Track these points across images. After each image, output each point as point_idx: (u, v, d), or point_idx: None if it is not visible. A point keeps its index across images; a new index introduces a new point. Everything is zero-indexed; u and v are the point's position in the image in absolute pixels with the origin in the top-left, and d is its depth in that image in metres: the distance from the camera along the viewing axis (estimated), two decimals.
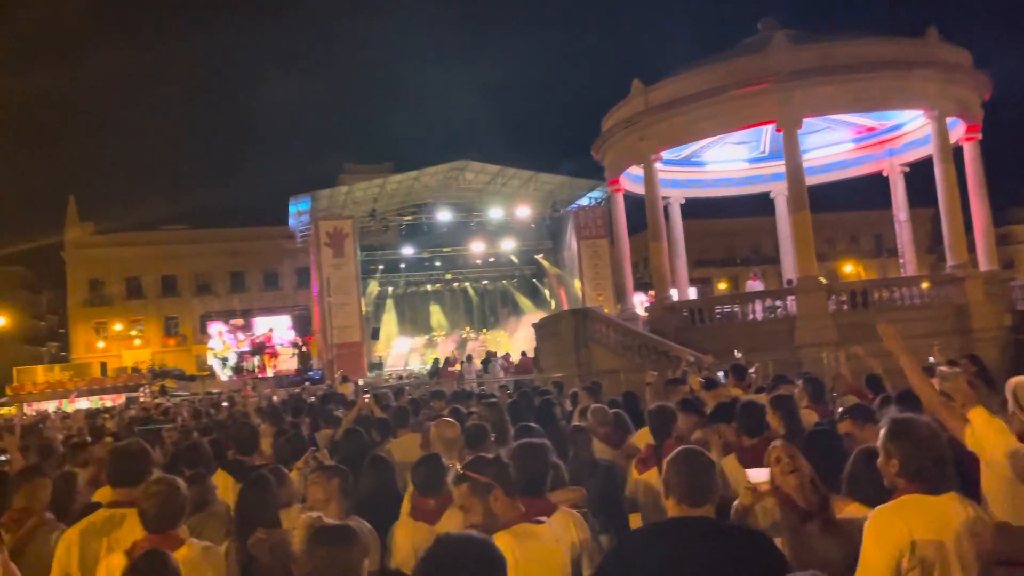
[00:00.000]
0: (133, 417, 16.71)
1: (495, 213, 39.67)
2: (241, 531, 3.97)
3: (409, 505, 4.51)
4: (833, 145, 23.93)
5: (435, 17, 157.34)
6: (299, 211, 37.30)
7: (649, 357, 17.95)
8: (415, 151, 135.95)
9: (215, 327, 41.42)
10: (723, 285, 56.54)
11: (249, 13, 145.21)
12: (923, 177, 21.60)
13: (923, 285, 19.09)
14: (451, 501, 3.79)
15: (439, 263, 43.67)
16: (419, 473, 4.34)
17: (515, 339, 36.57)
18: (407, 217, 40.00)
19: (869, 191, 28.25)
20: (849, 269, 55.81)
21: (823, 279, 20.21)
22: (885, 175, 24.32)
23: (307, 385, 26.06)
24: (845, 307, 18.45)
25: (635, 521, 5.15)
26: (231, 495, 4.82)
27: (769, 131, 21.98)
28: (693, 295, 28.14)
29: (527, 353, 26.04)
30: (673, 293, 22.73)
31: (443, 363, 25.05)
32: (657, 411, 5.63)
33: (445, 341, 41.66)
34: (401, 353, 41.57)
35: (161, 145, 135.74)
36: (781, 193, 23.69)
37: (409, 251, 41.61)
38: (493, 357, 26.46)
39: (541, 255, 43.58)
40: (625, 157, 22.60)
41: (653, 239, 21.78)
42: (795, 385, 7.54)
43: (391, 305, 43.11)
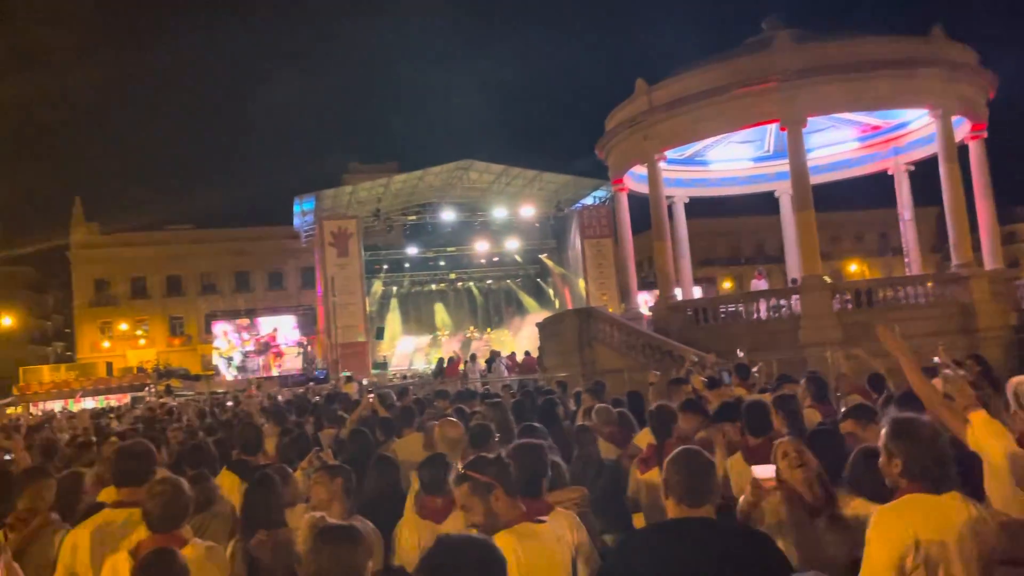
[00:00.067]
0: (138, 417, 16.77)
1: (499, 212, 39.65)
2: (247, 530, 3.99)
3: (413, 503, 4.53)
4: (837, 144, 23.85)
5: (439, 17, 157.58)
6: (303, 211, 37.37)
7: (653, 356, 17.93)
8: (419, 151, 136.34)
9: (220, 327, 41.49)
10: (727, 284, 56.48)
11: (253, 13, 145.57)
12: (928, 176, 21.50)
13: (928, 284, 19.04)
14: None
15: (443, 262, 43.67)
16: (425, 472, 4.36)
17: (519, 338, 36.57)
18: (411, 217, 40.03)
19: (874, 190, 28.17)
20: (854, 268, 55.72)
21: (828, 278, 20.13)
22: (890, 174, 24.24)
23: (311, 385, 26.08)
24: (850, 306, 18.38)
25: (638, 521, 5.15)
26: (237, 495, 4.82)
27: (773, 130, 21.93)
28: (697, 294, 28.10)
29: (531, 352, 26.04)
30: (677, 292, 22.67)
31: (447, 362, 25.04)
32: (658, 411, 5.63)
33: (449, 341, 41.69)
34: (405, 353, 41.63)
35: (166, 145, 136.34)
36: (785, 192, 23.64)
37: (413, 251, 41.63)
38: (497, 356, 26.44)
39: (545, 254, 43.56)
40: (629, 156, 22.57)
41: (657, 238, 21.75)
42: (799, 385, 7.54)
43: (395, 305, 43.16)
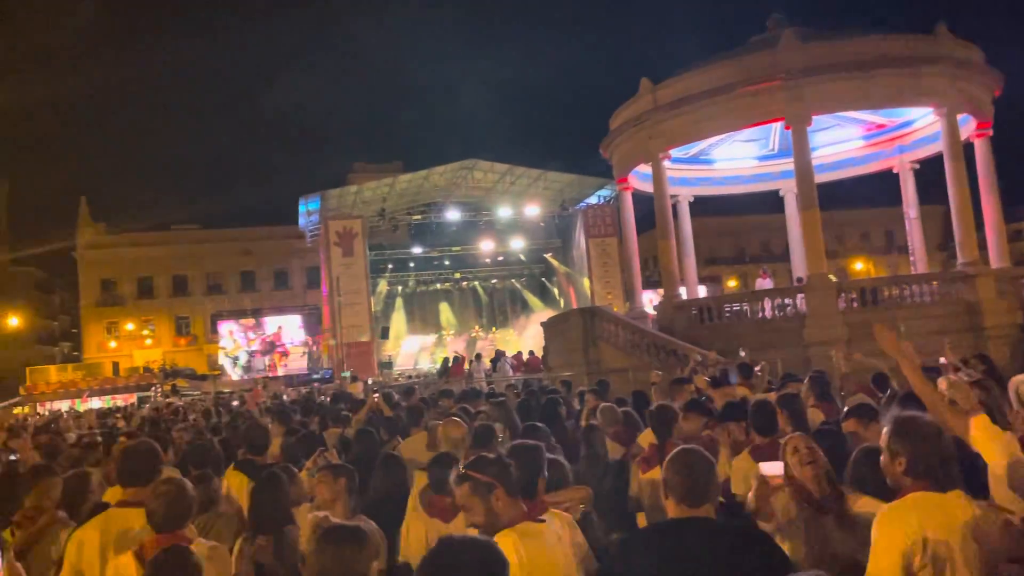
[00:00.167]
0: (144, 417, 16.82)
1: (504, 212, 39.64)
2: (255, 528, 4.00)
3: (419, 502, 4.55)
4: (842, 142, 23.80)
5: (444, 16, 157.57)
6: (309, 211, 37.44)
7: (658, 356, 17.92)
8: (424, 150, 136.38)
9: (226, 326, 41.56)
10: (733, 283, 56.36)
11: (259, 14, 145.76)
12: (934, 174, 21.46)
13: (933, 283, 18.98)
14: None
15: (448, 262, 43.69)
16: (434, 472, 4.38)
17: (524, 338, 36.56)
18: (416, 216, 40.06)
19: (879, 188, 28.13)
20: (860, 266, 55.57)
21: (833, 277, 20.11)
22: (895, 172, 24.18)
23: (315, 385, 26.12)
24: (855, 305, 18.34)
25: (641, 521, 5.15)
26: (245, 494, 4.82)
27: (778, 129, 21.89)
28: (702, 293, 28.10)
29: (535, 352, 26.05)
30: (682, 291, 22.65)
31: (452, 362, 25.06)
32: (659, 410, 5.64)
33: (454, 340, 41.73)
34: (411, 352, 41.68)
35: (172, 146, 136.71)
36: (790, 191, 23.58)
37: (418, 250, 41.65)
38: (502, 356, 26.45)
39: (550, 254, 43.55)
40: (633, 155, 22.55)
41: (662, 237, 21.72)
42: (802, 383, 7.52)
43: (400, 304, 43.20)
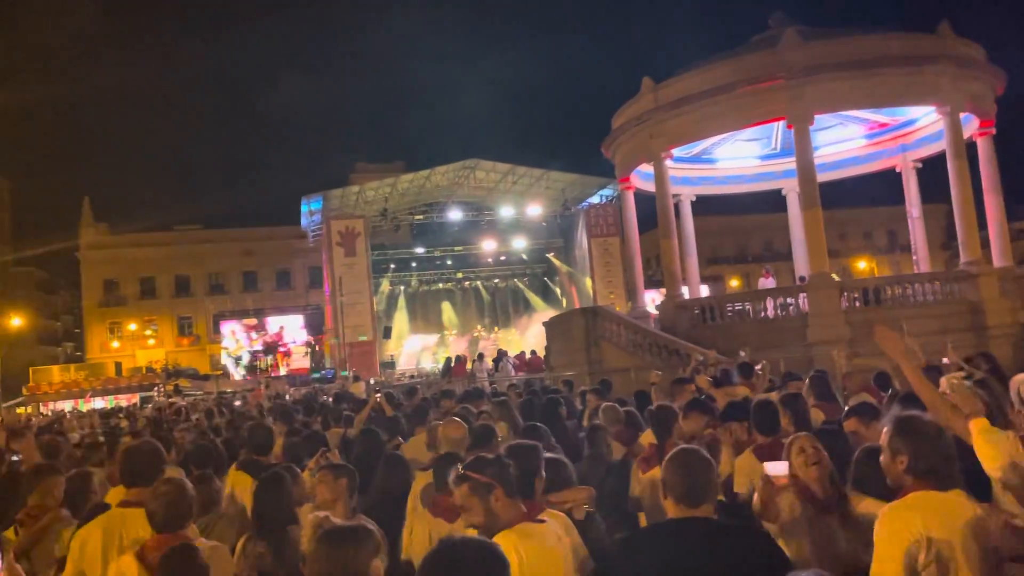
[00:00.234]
0: (147, 416, 16.85)
1: (506, 211, 39.66)
2: (259, 528, 4.01)
3: (417, 502, 4.54)
4: (845, 141, 23.75)
5: (446, 16, 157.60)
6: (311, 211, 37.49)
7: (660, 355, 17.91)
8: (426, 150, 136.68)
9: (228, 326, 41.64)
10: (735, 282, 56.31)
11: (261, 14, 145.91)
12: (936, 173, 21.43)
13: (936, 282, 18.95)
14: None
15: (450, 262, 43.73)
16: (440, 471, 4.38)
17: (526, 337, 36.59)
18: (418, 216, 40.10)
19: (882, 187, 28.06)
20: (862, 265, 55.47)
21: (836, 276, 20.08)
22: (898, 171, 24.12)
23: (316, 386, 26.13)
24: (858, 304, 18.32)
25: (643, 521, 5.14)
26: (251, 494, 4.83)
27: (780, 128, 21.85)
28: (705, 293, 28.05)
29: (537, 352, 26.03)
30: (684, 291, 22.62)
31: (454, 362, 25.05)
32: (658, 410, 5.63)
33: (457, 340, 41.77)
34: (413, 352, 41.71)
35: (174, 146, 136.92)
36: (793, 190, 23.53)
37: (420, 250, 41.70)
38: (504, 356, 26.45)
39: (552, 253, 43.56)
40: (635, 155, 22.52)
41: (664, 237, 21.69)
42: (803, 382, 7.51)
43: (403, 304, 43.24)
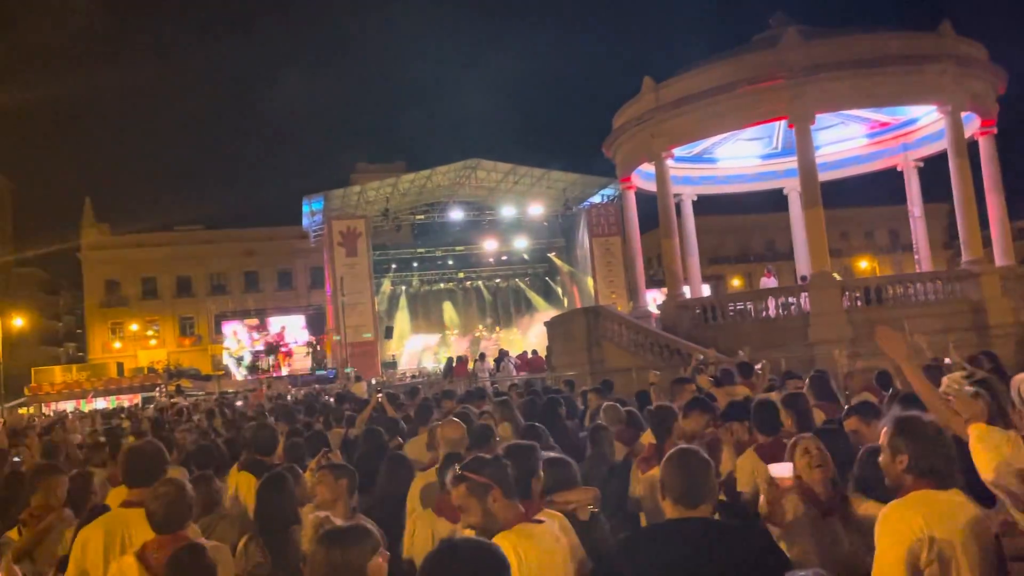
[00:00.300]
0: (149, 417, 16.85)
1: (507, 211, 39.66)
2: (262, 528, 4.01)
3: (417, 502, 4.55)
4: (846, 140, 23.74)
5: (447, 16, 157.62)
6: (312, 211, 37.50)
7: (662, 355, 17.91)
8: (427, 150, 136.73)
9: (230, 327, 41.68)
10: (737, 282, 56.30)
11: (262, 14, 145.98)
12: (938, 172, 21.42)
13: (938, 281, 18.93)
14: None
15: (452, 261, 43.74)
16: (444, 472, 4.39)
17: (528, 337, 36.60)
18: (420, 216, 40.11)
19: (883, 186, 28.04)
20: (864, 265, 55.44)
21: (837, 275, 20.04)
22: (899, 170, 24.09)
23: (317, 386, 26.12)
24: (859, 303, 18.31)
25: (644, 522, 5.14)
26: (254, 495, 4.83)
27: (781, 127, 21.83)
28: (706, 292, 28.02)
29: (539, 351, 26.01)
30: (686, 290, 22.61)
31: (456, 362, 25.04)
32: (657, 410, 5.63)
33: (458, 340, 41.77)
34: (415, 352, 41.72)
35: (175, 146, 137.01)
36: (794, 189, 23.51)
37: (422, 250, 41.71)
38: (506, 355, 26.44)
39: (554, 253, 43.56)
40: (636, 154, 22.50)
41: (665, 236, 21.68)
42: (803, 381, 7.51)
43: (404, 304, 43.24)
